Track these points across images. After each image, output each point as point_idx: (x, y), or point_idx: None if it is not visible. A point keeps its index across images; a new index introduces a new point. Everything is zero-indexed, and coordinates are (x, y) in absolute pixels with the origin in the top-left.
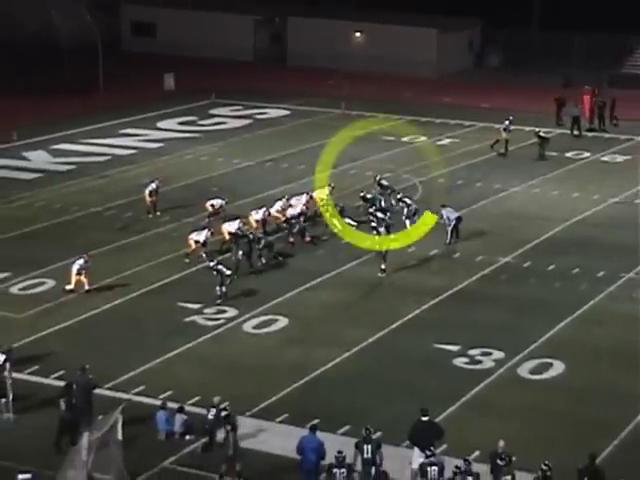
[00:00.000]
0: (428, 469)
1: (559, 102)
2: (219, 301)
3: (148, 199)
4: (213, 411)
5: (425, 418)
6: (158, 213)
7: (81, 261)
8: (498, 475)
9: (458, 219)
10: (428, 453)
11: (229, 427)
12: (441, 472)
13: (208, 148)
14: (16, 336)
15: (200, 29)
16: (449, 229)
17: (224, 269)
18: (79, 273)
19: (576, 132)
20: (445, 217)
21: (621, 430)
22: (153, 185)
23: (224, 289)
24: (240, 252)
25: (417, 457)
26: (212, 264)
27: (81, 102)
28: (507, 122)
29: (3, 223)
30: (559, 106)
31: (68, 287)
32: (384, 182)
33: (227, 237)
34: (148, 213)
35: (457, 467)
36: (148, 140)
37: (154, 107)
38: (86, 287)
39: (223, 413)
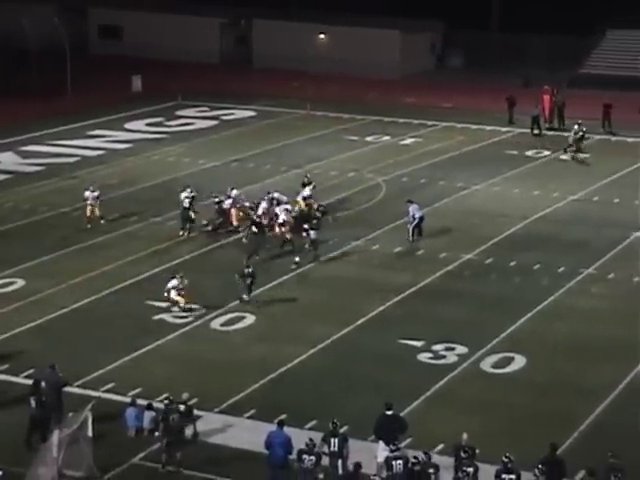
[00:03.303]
0: (393, 463)
1: (510, 102)
2: (246, 298)
3: (88, 208)
4: (182, 407)
5: (389, 412)
6: (102, 221)
7: (174, 282)
8: (461, 467)
9: (421, 218)
10: (392, 447)
11: (160, 417)
12: (405, 465)
13: (175, 149)
14: None
15: (166, 32)
16: (410, 227)
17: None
18: (179, 294)
19: (536, 131)
20: (411, 214)
21: (581, 422)
22: (87, 193)
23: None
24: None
25: (382, 451)
26: (249, 270)
27: (49, 104)
28: (576, 127)
29: None
30: (510, 105)
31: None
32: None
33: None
34: (88, 224)
35: (415, 458)
36: (116, 141)
37: (122, 109)
38: (181, 304)
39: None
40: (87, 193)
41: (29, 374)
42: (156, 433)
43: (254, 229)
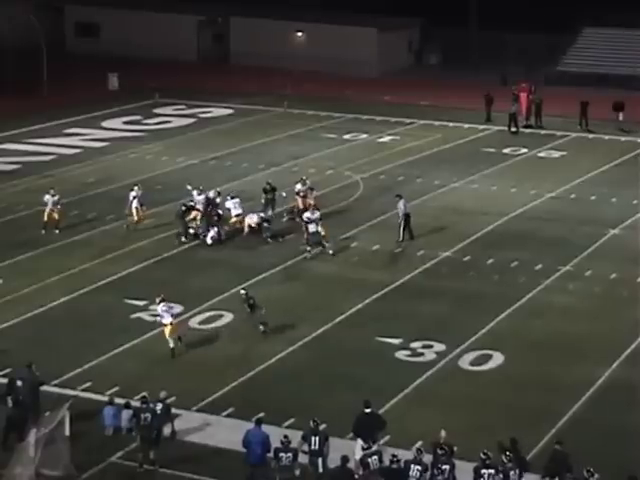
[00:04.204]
0: (369, 460)
1: (487, 99)
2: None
3: (46, 213)
4: (159, 406)
5: (368, 410)
6: (57, 231)
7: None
8: (436, 465)
9: (407, 216)
10: (365, 446)
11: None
12: (381, 459)
13: (152, 147)
14: None
15: (143, 29)
16: (400, 227)
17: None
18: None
19: (513, 129)
20: (400, 210)
21: (559, 419)
22: (46, 197)
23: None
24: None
25: (360, 449)
26: (245, 293)
27: (25, 102)
28: None
29: None
30: (488, 103)
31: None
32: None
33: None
34: (43, 228)
35: (394, 456)
36: (93, 139)
37: (99, 107)
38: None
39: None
40: (47, 197)
41: (6, 374)
42: (133, 432)
43: (266, 224)
